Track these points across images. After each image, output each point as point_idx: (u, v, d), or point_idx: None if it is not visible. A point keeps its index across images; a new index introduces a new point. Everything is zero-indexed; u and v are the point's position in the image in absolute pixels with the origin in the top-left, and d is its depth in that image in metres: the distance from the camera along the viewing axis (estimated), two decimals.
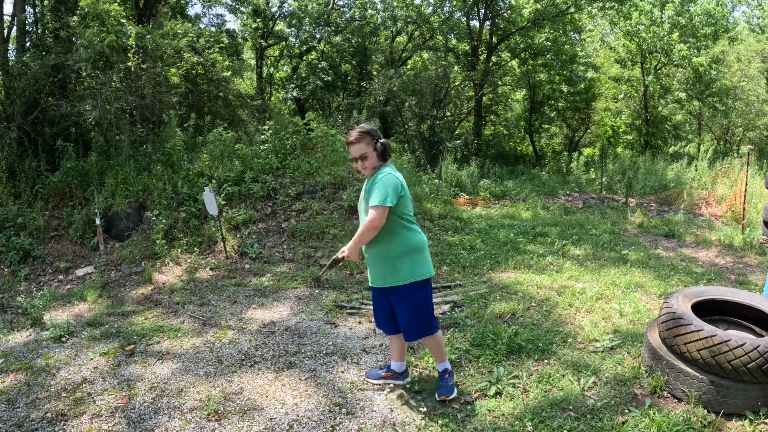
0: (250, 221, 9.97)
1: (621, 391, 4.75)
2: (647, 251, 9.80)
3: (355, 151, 4.18)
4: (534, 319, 6.37)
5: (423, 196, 12.19)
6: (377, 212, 3.96)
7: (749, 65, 29.47)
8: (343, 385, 4.95)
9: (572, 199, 15.19)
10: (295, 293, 7.66)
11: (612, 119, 27.37)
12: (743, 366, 4.16)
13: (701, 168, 17.45)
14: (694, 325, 4.44)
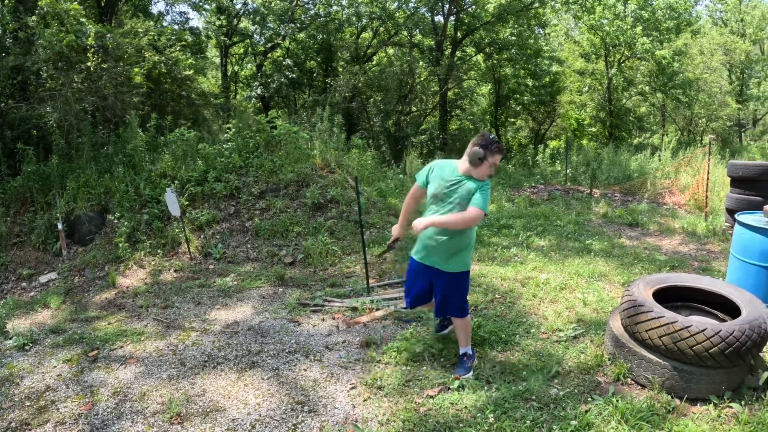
0: (213, 221, 9.82)
1: (584, 380, 4.75)
2: (611, 241, 9.86)
3: (499, 159, 4.70)
4: (498, 311, 6.35)
5: (388, 191, 12.14)
6: (478, 214, 4.50)
7: (712, 58, 29.94)
8: (305, 383, 4.91)
9: (537, 191, 15.23)
10: (258, 292, 7.56)
11: (577, 112, 27.71)
12: (705, 351, 4.17)
13: (665, 158, 17.69)
14: (654, 312, 4.45)
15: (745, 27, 33.23)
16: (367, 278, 7.33)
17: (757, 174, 9.87)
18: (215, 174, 10.48)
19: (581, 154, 19.29)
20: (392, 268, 8.21)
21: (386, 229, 9.99)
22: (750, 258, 5.87)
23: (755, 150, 28.91)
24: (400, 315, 6.36)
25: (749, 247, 5.87)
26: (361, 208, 7.85)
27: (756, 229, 5.79)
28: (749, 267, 5.87)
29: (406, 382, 4.85)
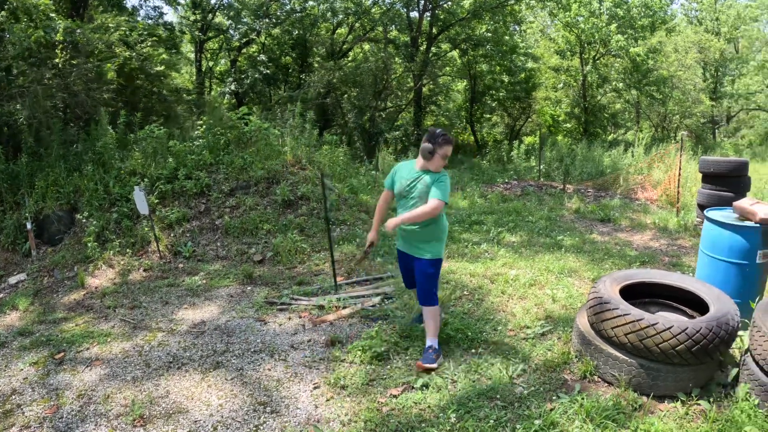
0: (183, 219, 9.65)
1: (551, 378, 4.69)
2: (582, 236, 9.84)
3: (450, 150, 5.00)
4: (465, 308, 6.28)
5: (359, 188, 12.06)
6: (438, 204, 4.80)
7: (686, 55, 30.15)
8: (269, 383, 4.84)
9: (510, 187, 15.19)
10: (227, 291, 7.44)
11: (552, 108, 27.80)
12: (672, 349, 4.14)
13: (638, 154, 17.72)
14: (620, 309, 4.41)
15: (720, 26, 33.53)
16: (334, 276, 7.22)
17: (728, 170, 9.89)
18: (186, 171, 10.31)
19: (554, 150, 19.31)
20: (361, 265, 8.12)
21: (357, 226, 9.95)
22: (719, 254, 5.77)
23: (728, 146, 29.25)
24: (366, 313, 6.28)
25: (718, 243, 5.80)
26: (327, 206, 7.76)
27: (724, 225, 5.71)
28: (718, 263, 5.82)
29: (370, 381, 4.78)
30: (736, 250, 5.62)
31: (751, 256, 5.57)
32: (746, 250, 5.57)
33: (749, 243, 5.54)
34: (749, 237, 5.53)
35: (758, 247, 5.54)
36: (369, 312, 6.28)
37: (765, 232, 5.53)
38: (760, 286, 5.76)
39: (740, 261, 5.60)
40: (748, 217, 5.69)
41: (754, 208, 5.64)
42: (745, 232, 5.55)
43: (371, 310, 6.31)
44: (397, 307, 6.40)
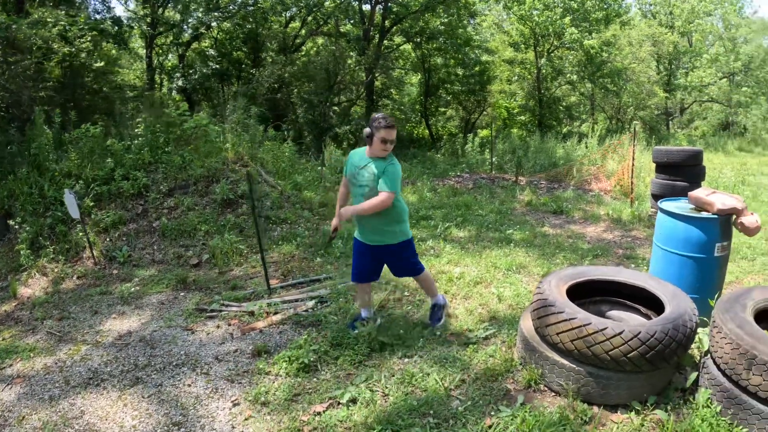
0: (120, 222, 9.10)
1: (491, 388, 4.28)
2: (533, 229, 9.52)
3: (394, 135, 4.92)
4: (405, 311, 5.87)
5: (304, 184, 11.58)
6: (388, 197, 4.83)
7: (640, 48, 30.24)
8: (186, 401, 4.41)
9: (462, 180, 14.83)
10: (158, 298, 6.90)
11: (507, 101, 27.65)
12: (624, 356, 3.77)
13: (591, 145, 17.52)
14: (566, 312, 4.00)
15: (674, 20, 33.73)
16: (266, 279, 6.74)
17: (681, 159, 9.69)
18: (123, 172, 9.75)
19: (507, 142, 19.02)
20: (299, 265, 7.69)
21: (299, 224, 9.51)
22: (673, 247, 5.44)
23: (681, 137, 29.48)
24: (299, 319, 5.82)
25: (672, 236, 5.46)
26: (255, 206, 7.28)
27: (679, 216, 5.39)
28: (673, 257, 5.46)
29: (294, 396, 4.35)
30: (693, 242, 5.28)
31: (708, 249, 5.25)
32: (703, 243, 5.24)
33: (706, 235, 5.22)
34: (706, 229, 5.22)
35: (716, 239, 5.22)
36: (301, 318, 5.83)
37: (723, 224, 5.22)
38: (719, 281, 5.46)
39: (697, 254, 5.27)
40: (704, 207, 5.38)
41: (710, 199, 5.32)
42: (702, 223, 5.23)
43: (304, 316, 5.86)
44: (331, 311, 5.94)
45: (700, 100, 37.23)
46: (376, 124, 4.83)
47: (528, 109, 27.93)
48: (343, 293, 6.43)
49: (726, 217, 5.23)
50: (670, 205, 5.74)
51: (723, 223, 5.21)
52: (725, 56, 34.97)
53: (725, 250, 5.34)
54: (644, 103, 30.76)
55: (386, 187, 4.83)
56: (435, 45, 25.40)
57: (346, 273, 7.21)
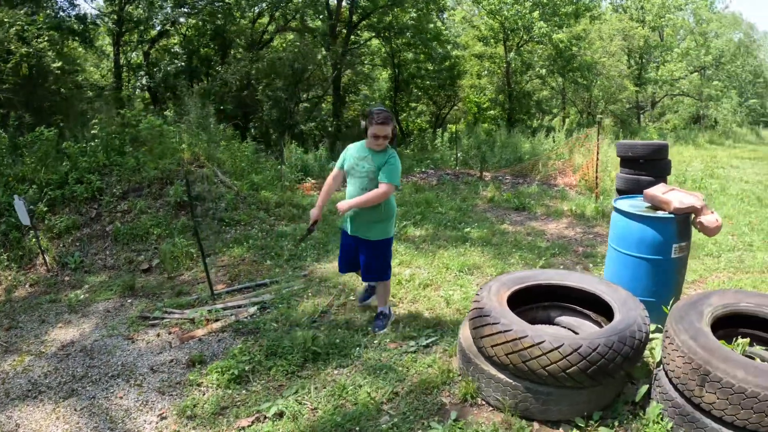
0: (73, 227, 8.78)
1: (425, 402, 4.05)
2: (492, 227, 9.30)
3: (386, 131, 4.99)
4: (347, 317, 5.64)
5: (262, 184, 11.34)
6: (388, 188, 4.99)
7: (611, 42, 30.28)
8: (116, 414, 4.24)
9: (427, 176, 14.63)
10: (105, 305, 6.61)
11: (477, 96, 27.55)
12: (562, 372, 3.51)
13: (559, 139, 17.36)
14: (501, 323, 3.73)
15: (645, 14, 33.80)
16: (209, 284, 6.48)
17: (645, 153, 9.30)
18: (77, 175, 9.43)
19: (472, 137, 18.82)
20: (248, 269, 7.48)
21: (253, 226, 9.28)
22: (628, 249, 5.14)
23: (652, 131, 29.53)
24: (239, 326, 5.59)
25: (626, 236, 5.16)
26: (194, 210, 7.06)
27: (633, 216, 5.09)
28: (627, 259, 5.17)
29: (222, 409, 4.16)
30: (648, 244, 4.99)
31: (664, 251, 4.96)
32: (659, 244, 4.95)
33: (662, 236, 4.92)
34: (662, 229, 4.92)
35: (673, 239, 4.93)
36: (242, 325, 5.60)
37: (680, 223, 4.93)
38: (678, 283, 5.20)
39: (653, 256, 4.99)
40: (660, 206, 5.09)
41: (667, 197, 5.03)
42: (657, 223, 4.94)
43: (244, 323, 5.62)
44: (272, 318, 5.70)
45: (672, 93, 37.39)
46: (369, 119, 4.99)
47: (498, 103, 27.82)
48: (287, 298, 6.20)
49: (684, 216, 4.95)
50: (624, 203, 5.45)
51: (680, 222, 4.93)
52: (696, 50, 35.15)
53: (683, 251, 5.05)
54: (615, 97, 30.82)
55: (386, 179, 4.97)
56: (404, 40, 25.19)
57: (292, 277, 7.02)
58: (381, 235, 5.26)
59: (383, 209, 5.19)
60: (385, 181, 4.97)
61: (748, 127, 35.76)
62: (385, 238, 5.30)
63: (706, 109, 37.15)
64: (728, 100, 36.94)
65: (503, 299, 4.11)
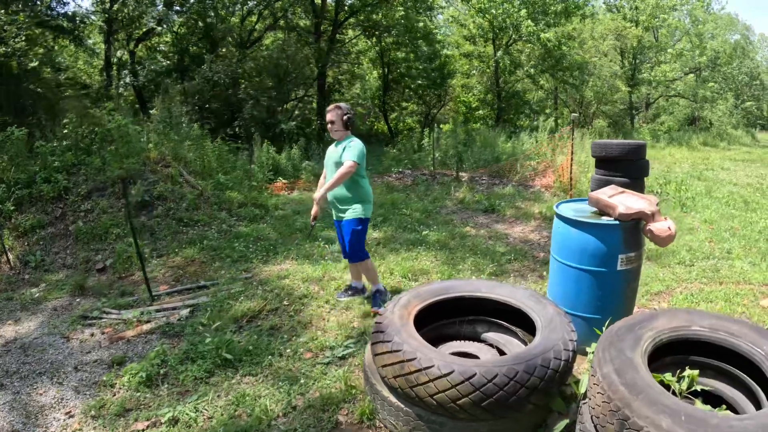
0: (38, 226, 8.76)
1: (321, 419, 3.86)
2: (453, 230, 9.10)
3: (328, 117, 5.65)
4: (274, 323, 5.47)
5: (229, 184, 11.16)
6: (349, 165, 5.37)
7: (603, 42, 30.10)
8: (32, 409, 4.27)
9: (403, 176, 14.46)
10: (55, 304, 6.61)
11: (467, 96, 27.40)
12: (452, 402, 3.15)
13: (541, 139, 16.98)
14: (393, 342, 3.42)
15: (638, 14, 33.61)
16: (147, 285, 6.38)
17: (619, 153, 8.93)
18: (45, 174, 9.43)
19: (450, 136, 18.60)
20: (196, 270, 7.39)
21: (212, 226, 9.23)
22: (568, 259, 4.65)
23: (646, 132, 29.39)
24: (168, 328, 5.47)
25: (567, 245, 4.66)
26: (130, 211, 6.94)
27: (573, 222, 4.58)
28: (567, 270, 4.67)
29: (125, 411, 4.12)
30: (590, 254, 4.48)
31: (609, 262, 4.44)
32: (602, 255, 4.44)
33: (606, 245, 4.41)
34: (606, 237, 4.41)
35: (618, 250, 4.42)
36: (170, 328, 5.51)
37: (627, 231, 4.44)
38: (626, 299, 4.69)
39: (595, 268, 4.48)
40: (606, 211, 4.60)
41: (612, 201, 4.54)
42: (601, 231, 4.43)
43: (174, 324, 5.52)
44: (200, 321, 5.57)
45: (667, 95, 37.25)
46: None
47: (486, 103, 27.67)
48: (221, 301, 6.07)
49: (632, 224, 4.44)
50: (567, 207, 4.98)
51: (628, 230, 4.43)
52: (691, 51, 34.97)
53: (633, 262, 4.53)
54: (607, 98, 30.64)
55: (348, 157, 5.39)
56: (392, 39, 25.07)
57: (231, 279, 6.92)
58: (354, 214, 5.63)
59: (354, 190, 5.62)
60: (347, 158, 5.39)
61: (744, 130, 35.40)
62: (358, 218, 5.64)
63: (701, 110, 36.93)
64: (724, 101, 36.77)
65: (411, 313, 3.82)
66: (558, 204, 5.05)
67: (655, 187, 12.40)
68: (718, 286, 6.46)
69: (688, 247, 7.93)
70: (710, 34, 40.19)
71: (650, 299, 6.09)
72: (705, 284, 6.54)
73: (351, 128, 5.71)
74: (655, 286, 6.41)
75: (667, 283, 6.55)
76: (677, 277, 6.79)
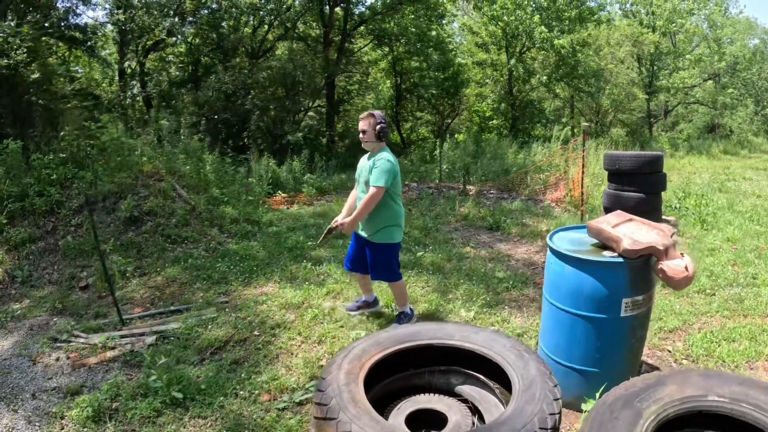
0: (29, 240, 8.61)
1: None
2: (452, 251, 8.51)
3: (360, 126, 5.31)
4: (238, 355, 5.06)
5: (223, 198, 10.83)
6: (375, 192, 5.05)
7: (619, 49, 29.54)
8: None
9: (408, 190, 13.95)
10: (33, 322, 6.39)
11: (480, 105, 26.97)
12: None
13: (553, 149, 16.33)
14: (330, 407, 2.75)
15: (655, 19, 33.02)
16: (117, 309, 6.04)
17: (633, 166, 8.46)
18: (38, 188, 9.30)
19: (458, 147, 18.08)
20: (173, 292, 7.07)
21: (200, 244, 8.92)
22: (561, 302, 3.96)
23: (664, 141, 28.69)
24: (130, 357, 5.16)
25: (560, 285, 3.96)
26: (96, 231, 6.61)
27: (566, 258, 3.86)
28: (561, 314, 3.99)
29: None
30: (587, 297, 3.78)
31: (610, 308, 3.74)
32: (602, 299, 3.73)
33: (607, 287, 3.71)
34: (608, 278, 3.71)
35: (622, 293, 3.71)
36: (133, 356, 5.17)
37: (634, 270, 3.72)
38: (629, 351, 3.98)
39: (593, 314, 3.79)
40: (608, 244, 3.89)
41: (616, 232, 3.82)
42: (601, 269, 3.73)
43: (137, 353, 5.18)
44: (163, 351, 5.21)
45: (686, 102, 36.54)
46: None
47: (501, 112, 27.21)
48: (190, 328, 5.69)
49: (641, 261, 3.73)
50: (561, 239, 4.27)
51: (635, 269, 3.71)
52: (710, 57, 34.27)
53: (640, 306, 3.80)
54: (624, 106, 30.03)
55: (373, 182, 5.06)
56: (404, 48, 24.76)
57: (204, 305, 6.50)
58: (384, 238, 5.33)
59: (383, 215, 5.27)
60: (372, 183, 5.07)
61: (765, 137, 34.67)
62: (388, 242, 5.37)
63: (721, 118, 36.18)
64: (743, 108, 36.05)
65: (363, 367, 3.15)
66: (552, 234, 4.38)
67: (673, 200, 11.68)
68: (743, 319, 5.74)
69: (709, 272, 7.15)
70: (729, 39, 39.34)
71: (663, 338, 5.39)
72: (727, 318, 5.79)
73: (384, 139, 5.32)
74: (670, 321, 5.66)
75: (684, 318, 5.79)
76: (696, 309, 6.04)
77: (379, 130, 5.22)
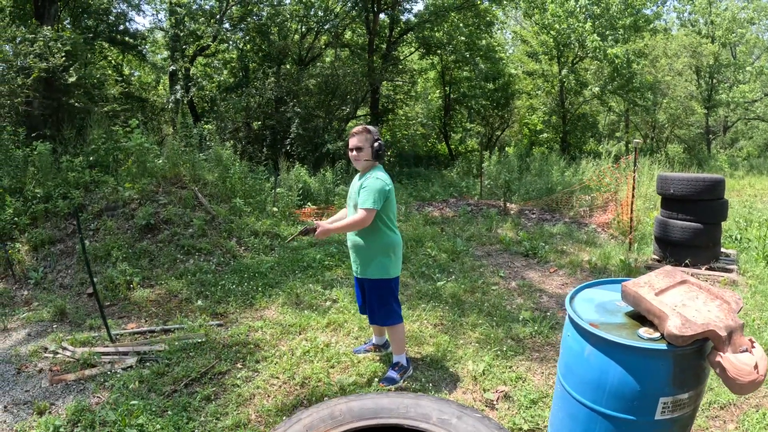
0: (49, 242, 8.61)
1: None
2: (478, 280, 7.59)
3: (353, 142, 4.55)
4: (212, 391, 4.54)
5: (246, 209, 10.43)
6: (365, 214, 4.35)
7: (677, 60, 28.46)
8: None
9: (447, 206, 13.29)
10: (33, 328, 6.31)
11: (530, 117, 26.25)
12: None
13: (603, 166, 15.25)
14: None
15: (714, 29, 31.81)
16: (106, 326, 5.74)
17: (692, 191, 7.51)
18: (63, 190, 9.38)
19: (499, 162, 17.31)
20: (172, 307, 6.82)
21: (213, 256, 8.60)
22: (578, 391, 2.94)
23: (723, 159, 27.19)
24: (107, 378, 4.92)
25: (578, 371, 2.93)
26: (84, 245, 6.28)
27: (589, 336, 2.84)
28: (576, 407, 2.96)
29: None
30: (613, 390, 2.76)
31: (642, 408, 2.71)
32: (634, 396, 2.70)
33: (641, 382, 2.68)
34: (643, 368, 2.67)
35: (661, 391, 2.67)
36: (109, 377, 4.92)
37: (681, 361, 2.65)
38: None
39: (619, 414, 2.77)
40: (648, 318, 2.83)
41: (660, 305, 2.75)
42: (636, 357, 2.68)
43: (112, 375, 4.94)
44: (139, 376, 4.85)
45: (746, 117, 35.01)
46: None
47: (552, 125, 26.40)
48: (173, 353, 5.30)
49: (693, 349, 2.67)
50: (587, 300, 3.21)
51: (682, 359, 2.66)
52: None
53: (683, 408, 2.75)
54: (681, 121, 28.88)
55: (362, 204, 4.39)
56: (452, 57, 24.25)
57: (195, 327, 6.08)
58: (378, 273, 4.63)
59: (374, 243, 4.57)
60: (363, 205, 4.38)
61: None
62: (383, 278, 4.65)
63: None
64: None
65: None
66: (574, 292, 3.30)
67: (734, 230, 10.36)
68: None
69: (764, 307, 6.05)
70: None
71: (711, 417, 4.17)
72: None
73: (381, 159, 4.67)
74: (723, 394, 4.38)
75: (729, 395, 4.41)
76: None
77: (377, 148, 4.58)
